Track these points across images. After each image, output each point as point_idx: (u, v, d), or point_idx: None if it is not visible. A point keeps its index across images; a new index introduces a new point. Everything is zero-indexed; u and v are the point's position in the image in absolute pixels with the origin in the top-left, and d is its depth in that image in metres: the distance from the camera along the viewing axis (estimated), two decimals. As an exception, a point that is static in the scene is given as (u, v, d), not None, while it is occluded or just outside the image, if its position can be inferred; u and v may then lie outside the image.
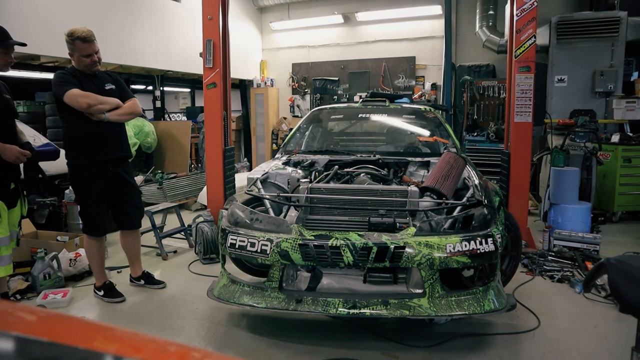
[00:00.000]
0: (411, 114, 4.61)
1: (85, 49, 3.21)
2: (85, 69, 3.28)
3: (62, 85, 3.16)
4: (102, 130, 3.28)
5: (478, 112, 7.60)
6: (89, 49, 3.22)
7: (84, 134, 3.26)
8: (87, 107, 3.16)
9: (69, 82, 3.17)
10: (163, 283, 3.77)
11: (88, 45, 3.21)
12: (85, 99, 3.15)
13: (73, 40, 3.18)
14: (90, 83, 3.27)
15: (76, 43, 3.18)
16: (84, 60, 3.23)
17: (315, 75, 9.47)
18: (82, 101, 3.14)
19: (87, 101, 3.16)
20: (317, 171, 3.57)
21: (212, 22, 4.68)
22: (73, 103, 3.14)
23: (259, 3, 9.52)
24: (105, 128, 3.29)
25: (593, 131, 5.65)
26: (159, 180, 6.37)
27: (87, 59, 3.24)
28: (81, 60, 3.24)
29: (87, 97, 3.17)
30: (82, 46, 3.19)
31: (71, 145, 3.32)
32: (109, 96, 3.32)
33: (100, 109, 3.22)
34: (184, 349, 0.62)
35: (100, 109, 3.23)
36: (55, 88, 3.20)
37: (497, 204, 2.88)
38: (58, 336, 0.59)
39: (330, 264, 2.63)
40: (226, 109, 4.87)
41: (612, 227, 5.56)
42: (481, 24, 7.82)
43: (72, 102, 3.14)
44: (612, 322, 3.09)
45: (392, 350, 2.70)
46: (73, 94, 3.13)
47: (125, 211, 3.57)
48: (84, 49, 3.20)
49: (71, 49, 3.23)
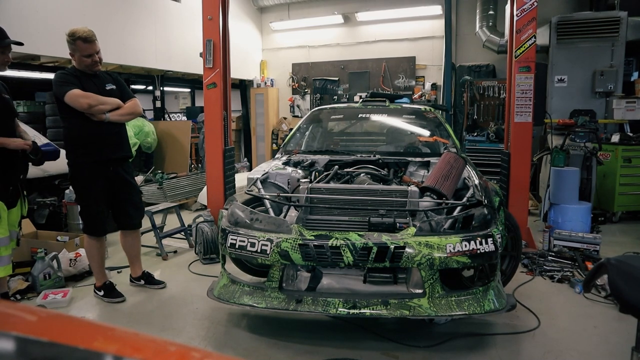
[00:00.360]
0: (411, 114, 4.61)
1: (87, 49, 3.21)
2: (86, 69, 3.28)
3: (63, 86, 3.16)
4: (102, 131, 3.28)
5: (478, 112, 7.60)
6: (90, 49, 3.22)
7: (85, 134, 3.27)
8: (87, 107, 3.17)
9: (70, 83, 3.17)
10: (163, 283, 3.76)
11: (89, 45, 3.21)
12: (86, 99, 3.15)
13: (74, 40, 3.18)
14: (91, 83, 3.27)
15: (77, 43, 3.18)
16: (85, 60, 3.23)
17: (315, 75, 9.47)
18: (83, 101, 3.14)
19: (88, 101, 3.16)
20: (317, 171, 3.57)
21: (212, 22, 4.68)
22: (74, 103, 3.14)
23: (259, 3, 9.52)
24: (106, 128, 3.29)
25: (593, 131, 5.65)
26: (159, 180, 6.37)
27: (88, 59, 3.24)
28: (82, 60, 3.24)
29: (88, 97, 3.17)
30: (83, 46, 3.20)
31: (72, 145, 3.32)
32: (110, 96, 3.32)
33: (101, 110, 3.23)
34: (184, 349, 0.62)
35: (101, 109, 3.23)
36: (56, 88, 3.20)
37: (497, 204, 2.87)
38: (58, 336, 0.59)
39: (330, 264, 2.63)
40: (226, 109, 4.87)
41: (612, 227, 5.56)
42: (481, 24, 7.83)
43: (73, 102, 3.14)
44: (612, 322, 3.09)
45: (392, 350, 2.70)
46: (74, 94, 3.13)
47: (126, 211, 3.57)
48: (85, 49, 3.20)
49: (72, 49, 3.23)
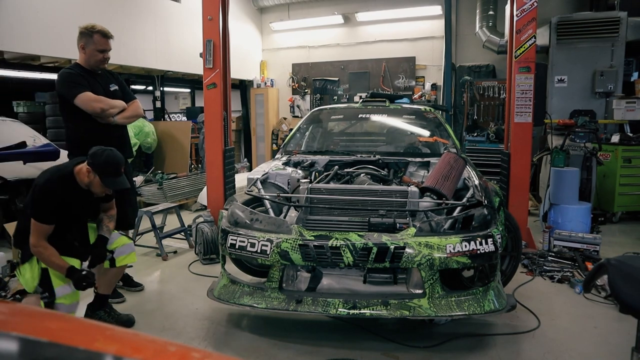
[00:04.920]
0: (411, 114, 4.61)
1: (103, 43, 3.23)
2: (94, 65, 3.27)
3: (73, 88, 3.13)
4: (107, 133, 3.26)
5: (478, 113, 7.59)
6: (106, 45, 3.25)
7: (90, 136, 3.22)
8: (100, 112, 3.18)
9: (80, 84, 3.15)
10: (141, 285, 3.74)
11: (106, 41, 3.24)
12: (99, 103, 3.16)
13: (93, 33, 3.19)
14: (97, 83, 3.27)
15: (95, 36, 3.19)
16: (97, 54, 3.23)
17: (315, 75, 9.47)
18: (96, 106, 3.15)
19: (101, 106, 3.17)
20: (317, 171, 3.57)
21: (212, 23, 4.68)
22: (86, 107, 3.13)
23: (259, 3, 9.52)
24: (110, 131, 3.29)
25: (593, 131, 5.65)
26: (159, 181, 6.37)
27: (100, 55, 3.24)
28: (94, 54, 3.23)
29: (101, 102, 3.18)
30: (101, 40, 3.22)
31: (78, 148, 3.26)
32: (114, 98, 3.32)
33: (111, 114, 3.25)
34: (184, 349, 0.62)
35: (111, 113, 3.25)
36: (63, 89, 3.17)
37: (497, 205, 2.87)
38: (58, 336, 0.59)
39: (330, 265, 2.63)
40: (226, 109, 4.86)
41: (612, 227, 5.56)
42: (481, 24, 7.83)
43: (84, 106, 3.13)
44: (612, 322, 3.09)
45: (392, 351, 2.70)
46: (87, 97, 3.12)
47: (124, 211, 3.57)
48: (102, 44, 3.22)
49: (86, 42, 3.21)
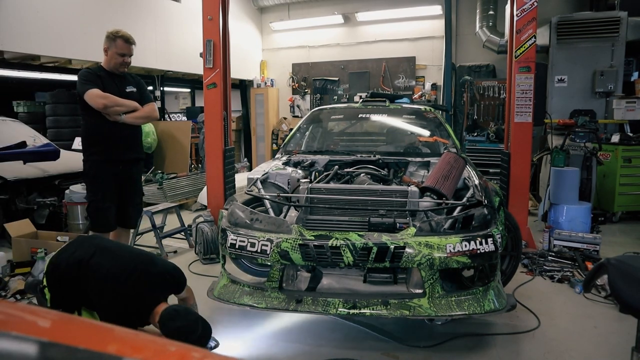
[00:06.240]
0: (411, 114, 4.60)
1: (124, 48, 3.40)
2: (114, 67, 3.44)
3: (84, 84, 3.31)
4: (116, 131, 3.41)
5: (478, 112, 7.60)
6: (126, 49, 3.41)
7: (100, 132, 3.40)
8: (103, 107, 3.30)
9: (91, 81, 3.32)
10: None
11: (127, 46, 3.41)
12: (103, 99, 3.29)
13: (116, 37, 3.37)
14: (113, 84, 3.41)
15: (118, 41, 3.37)
16: (117, 58, 3.39)
17: (315, 75, 9.46)
18: (100, 101, 3.28)
19: (104, 102, 3.30)
20: (317, 171, 3.57)
21: (212, 23, 4.68)
22: (92, 102, 3.28)
23: (259, 3, 9.52)
24: (119, 129, 3.41)
25: (593, 131, 5.65)
26: (159, 181, 6.37)
27: (120, 58, 3.40)
28: (114, 57, 3.39)
29: (105, 98, 3.30)
30: (122, 45, 3.38)
31: (87, 142, 3.46)
32: (129, 98, 3.45)
33: (116, 111, 3.37)
34: (184, 349, 0.62)
35: (117, 110, 3.37)
36: (78, 85, 3.35)
37: (497, 204, 2.87)
38: (58, 336, 0.59)
39: (330, 264, 2.62)
40: (226, 109, 4.87)
41: (612, 227, 5.56)
42: (481, 24, 7.83)
43: (90, 101, 3.28)
44: (612, 322, 3.09)
45: (392, 351, 2.70)
46: (93, 93, 3.28)
47: (128, 210, 3.65)
48: (122, 48, 3.39)
49: (109, 45, 3.39)
